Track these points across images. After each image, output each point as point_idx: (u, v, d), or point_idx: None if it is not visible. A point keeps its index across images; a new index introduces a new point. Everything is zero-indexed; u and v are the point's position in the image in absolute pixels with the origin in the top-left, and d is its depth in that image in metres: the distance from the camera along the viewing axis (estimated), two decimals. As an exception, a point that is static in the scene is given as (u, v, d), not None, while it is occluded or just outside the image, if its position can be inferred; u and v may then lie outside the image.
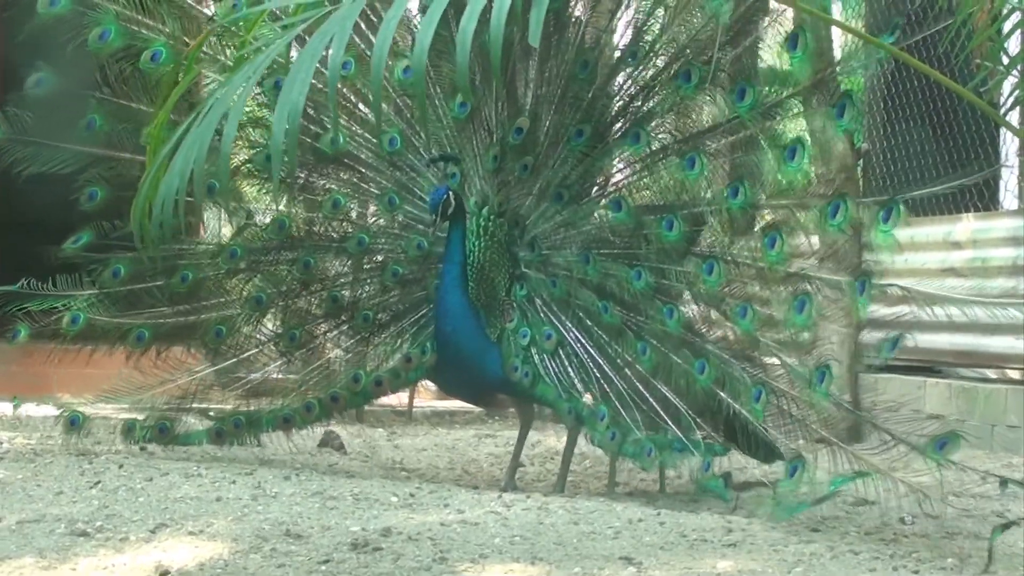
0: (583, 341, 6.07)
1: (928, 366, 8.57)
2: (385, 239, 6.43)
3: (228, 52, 6.10)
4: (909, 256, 8.44)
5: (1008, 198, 8.84)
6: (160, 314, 6.55)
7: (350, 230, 6.47)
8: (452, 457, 7.25)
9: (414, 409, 9.45)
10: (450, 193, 5.86)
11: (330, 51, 3.11)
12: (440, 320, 6.09)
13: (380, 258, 6.44)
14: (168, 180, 2.98)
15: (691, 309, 6.10)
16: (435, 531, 4.88)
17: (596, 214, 6.32)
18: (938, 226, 8.39)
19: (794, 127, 6.20)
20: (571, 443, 6.19)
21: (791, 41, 5.66)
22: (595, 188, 6.36)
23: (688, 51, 6.04)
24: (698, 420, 5.86)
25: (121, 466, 6.38)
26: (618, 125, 6.27)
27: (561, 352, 6.08)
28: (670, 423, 5.87)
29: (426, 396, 10.08)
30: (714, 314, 6.09)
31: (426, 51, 3.23)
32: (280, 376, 6.61)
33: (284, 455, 6.94)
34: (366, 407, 9.20)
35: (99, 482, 5.88)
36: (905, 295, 5.76)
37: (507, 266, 6.17)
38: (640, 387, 5.96)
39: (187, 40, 6.20)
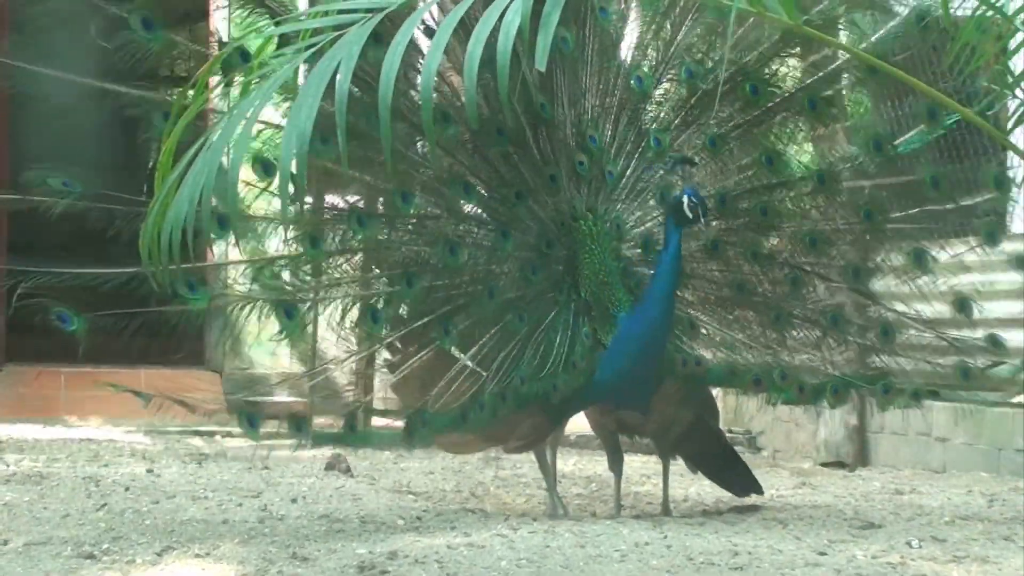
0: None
1: (934, 390, 8.54)
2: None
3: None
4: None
5: (1015, 222, 8.82)
6: None
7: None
8: (459, 480, 7.25)
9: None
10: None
11: (339, 76, 3.12)
12: (665, 321, 5.78)
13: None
14: (176, 206, 2.99)
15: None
16: (442, 554, 4.88)
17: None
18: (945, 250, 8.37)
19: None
20: (547, 462, 6.18)
21: None
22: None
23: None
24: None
25: (127, 488, 6.40)
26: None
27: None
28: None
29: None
30: None
31: (433, 75, 3.24)
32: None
33: (291, 478, 6.95)
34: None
35: (106, 504, 5.89)
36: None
37: (619, 270, 5.95)
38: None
39: None
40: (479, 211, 6.00)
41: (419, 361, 5.77)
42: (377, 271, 5.95)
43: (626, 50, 6.16)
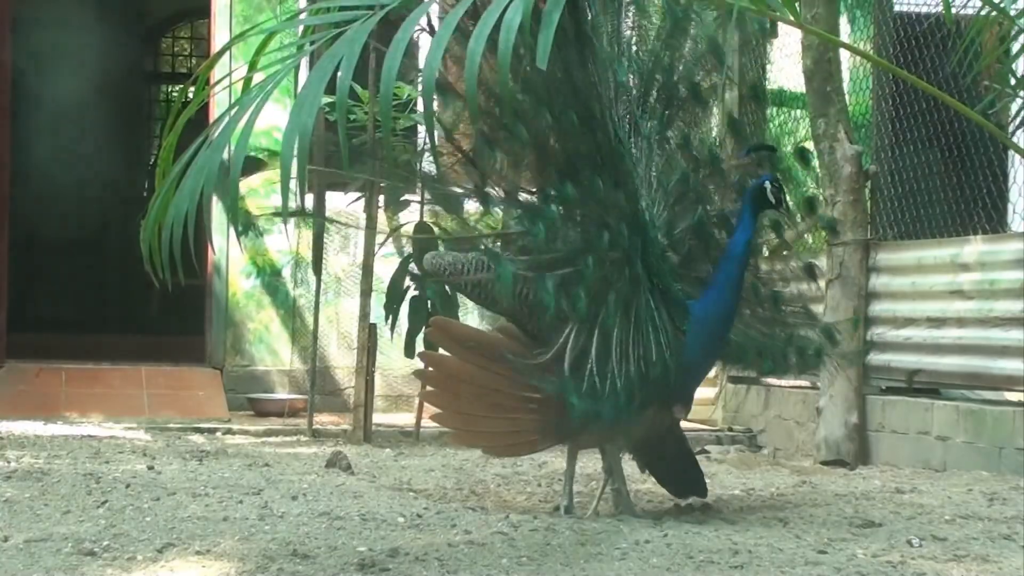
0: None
1: (934, 388, 8.56)
2: None
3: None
4: (916, 278, 8.46)
5: (1016, 220, 8.83)
6: None
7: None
8: (459, 478, 7.24)
9: (421, 429, 9.45)
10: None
11: (339, 73, 3.13)
12: (736, 304, 5.81)
13: None
14: (177, 203, 2.99)
15: None
16: (442, 552, 4.89)
17: None
18: (945, 248, 8.39)
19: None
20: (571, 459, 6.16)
21: None
22: None
23: None
24: None
25: (128, 485, 6.40)
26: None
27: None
28: None
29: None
30: None
31: (435, 71, 3.25)
32: None
33: (291, 475, 6.95)
34: (373, 427, 9.27)
35: (106, 501, 5.89)
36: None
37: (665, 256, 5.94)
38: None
39: None
40: (603, 198, 5.94)
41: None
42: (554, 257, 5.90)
43: (609, 43, 6.22)
